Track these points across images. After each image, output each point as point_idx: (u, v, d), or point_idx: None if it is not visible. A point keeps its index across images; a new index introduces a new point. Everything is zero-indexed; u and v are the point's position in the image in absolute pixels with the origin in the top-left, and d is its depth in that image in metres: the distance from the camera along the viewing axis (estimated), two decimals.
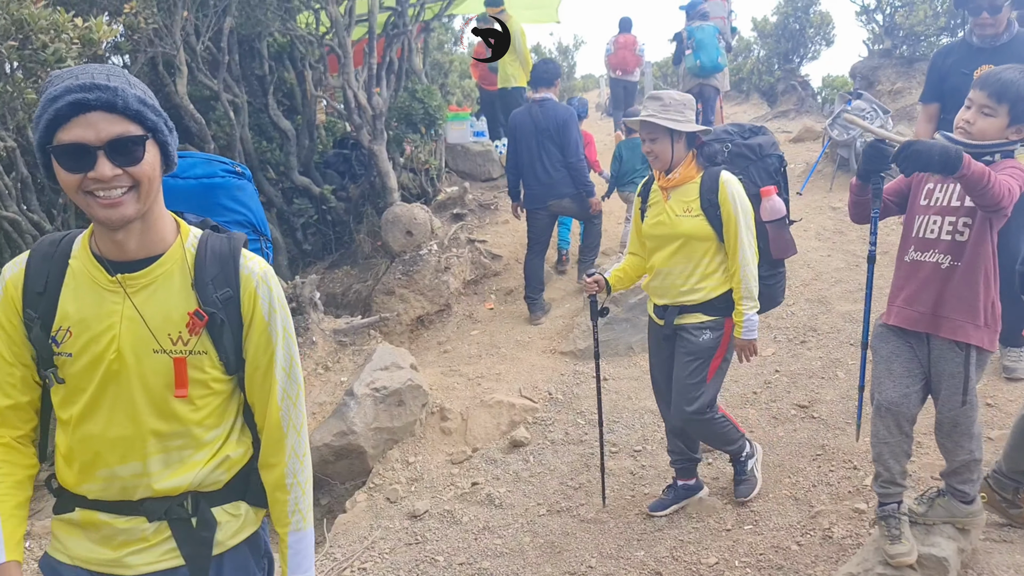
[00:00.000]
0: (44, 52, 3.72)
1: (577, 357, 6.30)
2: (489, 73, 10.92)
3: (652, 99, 3.75)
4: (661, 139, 3.73)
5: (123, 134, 1.61)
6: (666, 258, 3.83)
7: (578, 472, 4.97)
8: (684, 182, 3.76)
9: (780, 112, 14.85)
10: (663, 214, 3.80)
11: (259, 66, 8.40)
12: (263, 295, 1.84)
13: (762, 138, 3.95)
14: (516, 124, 7.13)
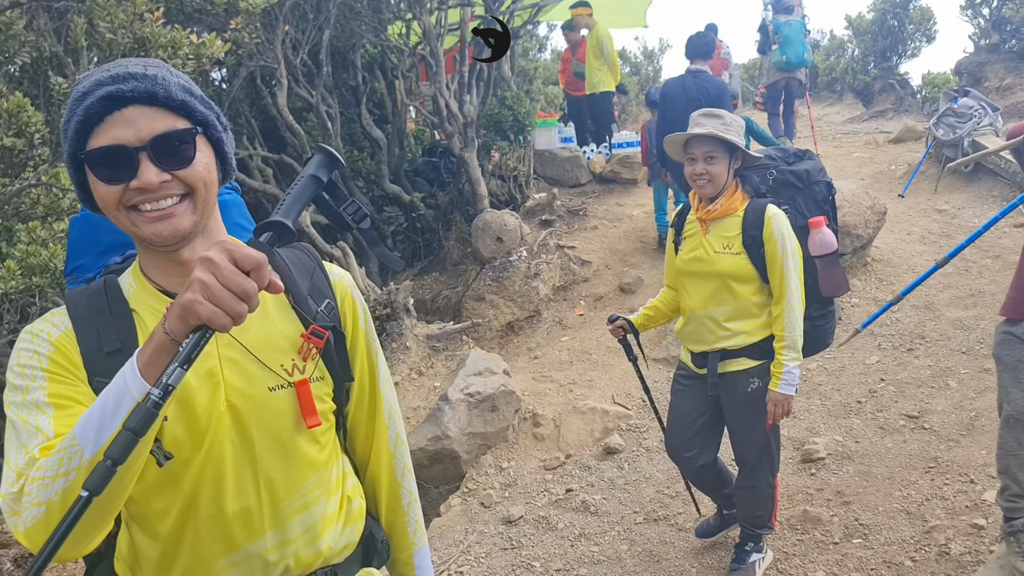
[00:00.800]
0: None
1: (671, 364, 6.18)
2: (575, 79, 10.90)
3: (709, 116, 3.29)
4: (720, 159, 3.26)
5: (169, 130, 1.29)
6: (703, 299, 3.37)
7: (674, 480, 4.87)
8: (726, 214, 3.30)
9: (877, 112, 14.35)
10: (700, 248, 3.34)
11: (352, 77, 8.58)
12: (359, 302, 1.62)
13: (809, 163, 3.50)
14: (667, 94, 7.26)
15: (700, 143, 3.25)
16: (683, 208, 3.55)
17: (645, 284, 7.65)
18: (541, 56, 17.71)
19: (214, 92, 7.90)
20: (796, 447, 4.91)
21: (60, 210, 4.79)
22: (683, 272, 3.45)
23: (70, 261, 1.72)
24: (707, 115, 3.29)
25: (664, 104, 7.25)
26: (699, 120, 3.27)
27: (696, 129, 3.23)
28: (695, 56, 7.25)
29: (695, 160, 3.28)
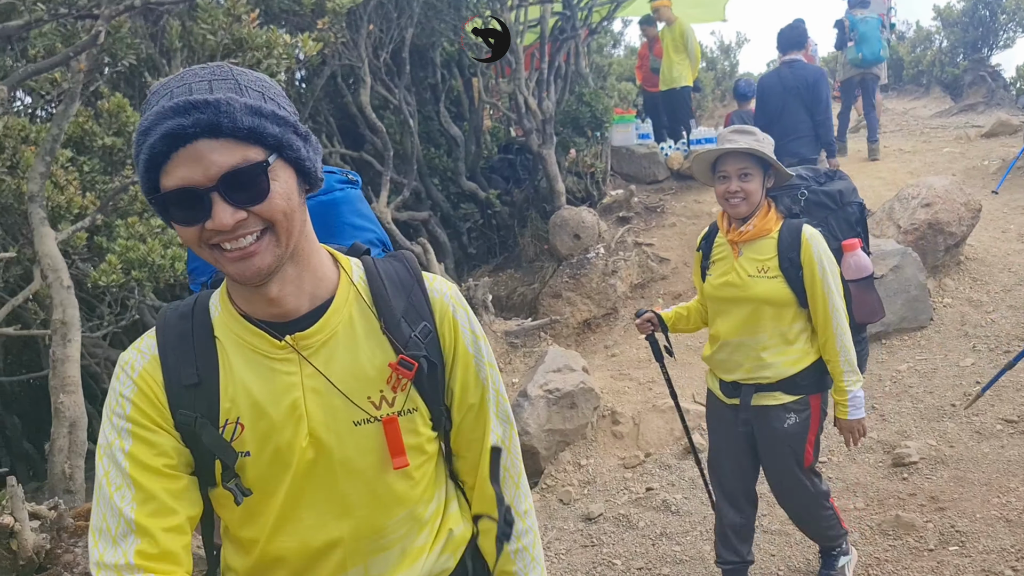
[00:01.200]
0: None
1: None
2: (652, 75, 10.80)
3: (741, 132, 3.07)
4: (755, 176, 3.02)
5: (239, 164, 1.18)
6: (735, 327, 3.14)
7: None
8: (760, 236, 3.06)
9: (967, 105, 13.83)
10: (732, 273, 3.12)
11: (431, 75, 8.67)
12: (463, 321, 1.48)
13: (841, 183, 3.31)
14: (764, 86, 7.43)
15: (733, 159, 3.02)
16: (710, 230, 3.33)
17: None
18: (615, 52, 17.59)
19: (295, 92, 8.08)
20: (886, 450, 4.77)
21: None
22: (713, 298, 3.22)
23: (190, 260, 1.80)
24: (739, 132, 3.08)
25: (761, 96, 7.40)
26: (731, 137, 3.06)
27: (729, 145, 3.02)
28: (788, 47, 7.38)
29: (727, 177, 3.04)
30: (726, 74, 19.08)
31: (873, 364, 5.75)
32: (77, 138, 4.99)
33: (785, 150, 7.14)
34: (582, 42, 9.54)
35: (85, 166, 4.87)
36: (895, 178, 9.22)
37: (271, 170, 1.22)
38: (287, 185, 1.25)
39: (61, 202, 4.25)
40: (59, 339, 3.23)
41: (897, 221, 6.52)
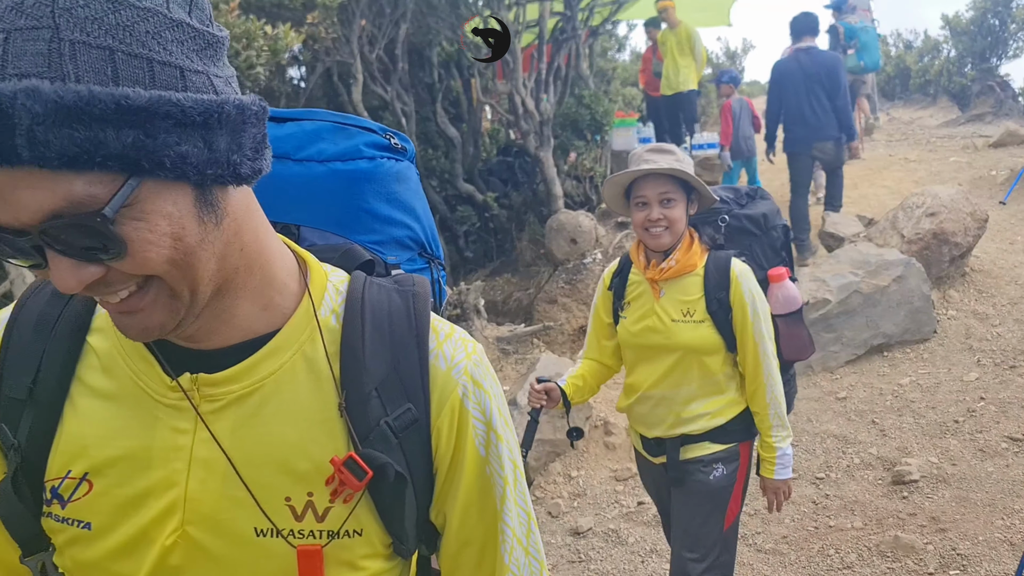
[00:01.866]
0: (236, 60, 3.83)
1: None
2: (654, 79, 10.64)
3: (660, 151, 2.63)
4: (678, 202, 2.59)
5: (59, 210, 0.68)
6: (658, 378, 2.72)
7: (754, 497, 4.59)
8: (684, 273, 2.64)
9: (974, 115, 13.66)
10: (652, 317, 2.68)
11: (428, 74, 8.53)
12: (475, 412, 0.97)
13: (764, 204, 2.92)
14: (782, 72, 7.37)
15: (653, 182, 2.58)
16: (621, 265, 2.85)
17: None
18: (620, 57, 17.44)
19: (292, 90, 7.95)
20: (886, 467, 4.60)
21: None
22: (632, 345, 2.77)
23: None
24: (657, 151, 2.63)
25: (780, 81, 7.37)
26: (648, 156, 2.62)
27: (647, 165, 2.57)
28: (803, 33, 7.40)
29: (647, 204, 2.59)
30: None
31: (874, 377, 5.59)
32: None
33: (817, 134, 7.28)
34: (583, 43, 9.39)
35: None
36: (900, 187, 9.05)
37: (128, 211, 0.71)
38: (171, 220, 0.74)
39: None
40: None
41: (901, 231, 6.36)
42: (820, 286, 5.95)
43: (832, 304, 5.82)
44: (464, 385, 0.97)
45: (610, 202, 2.76)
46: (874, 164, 10.28)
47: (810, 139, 7.32)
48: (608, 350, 2.91)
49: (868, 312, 5.84)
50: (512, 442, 1.02)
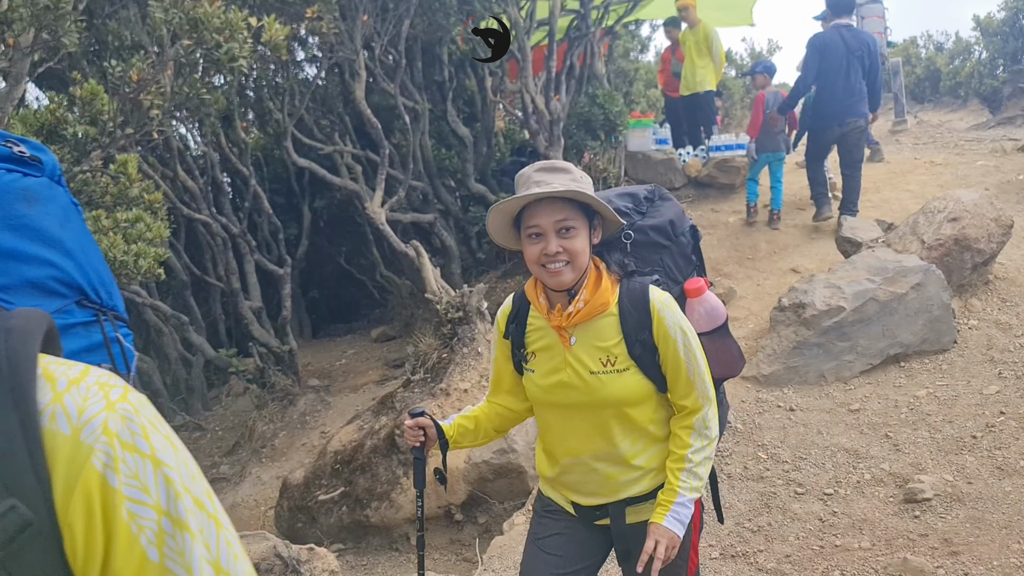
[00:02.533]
0: (218, 52, 3.72)
1: (761, 383, 5.71)
2: (673, 79, 10.44)
3: (551, 170, 2.18)
4: (579, 230, 2.15)
5: None
6: (584, 440, 2.28)
7: (757, 513, 4.43)
8: (595, 315, 2.20)
9: (1005, 118, 13.29)
10: (565, 371, 2.23)
11: (438, 72, 8.41)
12: (130, 492, 0.68)
13: (667, 207, 2.50)
14: (826, 43, 7.46)
15: (547, 209, 2.12)
16: (516, 307, 2.36)
17: (738, 296, 7.16)
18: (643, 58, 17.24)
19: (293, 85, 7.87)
20: (898, 484, 4.39)
21: (128, 199, 4.74)
22: (545, 404, 2.32)
23: None
24: (548, 170, 2.17)
25: (823, 53, 7.40)
26: (539, 177, 2.15)
27: (539, 188, 2.10)
28: (841, 12, 7.58)
29: (540, 236, 2.13)
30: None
31: (889, 388, 5.37)
32: (50, 126, 4.78)
33: (850, 110, 7.43)
34: (598, 42, 9.22)
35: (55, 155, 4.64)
36: (924, 191, 8.77)
37: None
38: None
39: None
40: None
41: (921, 236, 6.12)
42: (834, 293, 5.73)
43: (847, 312, 5.60)
44: (106, 452, 0.67)
45: (496, 235, 2.24)
46: (898, 167, 10.00)
47: (844, 114, 7.46)
48: (517, 397, 2.45)
49: (885, 320, 5.62)
50: (220, 533, 0.72)
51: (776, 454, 4.91)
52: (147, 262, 4.28)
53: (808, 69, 7.55)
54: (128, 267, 4.22)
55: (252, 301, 7.83)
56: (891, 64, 14.75)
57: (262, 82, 7.71)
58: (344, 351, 9.68)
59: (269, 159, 9.86)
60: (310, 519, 5.69)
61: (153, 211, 4.92)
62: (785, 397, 5.50)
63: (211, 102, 4.04)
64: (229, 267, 7.55)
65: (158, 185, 5.93)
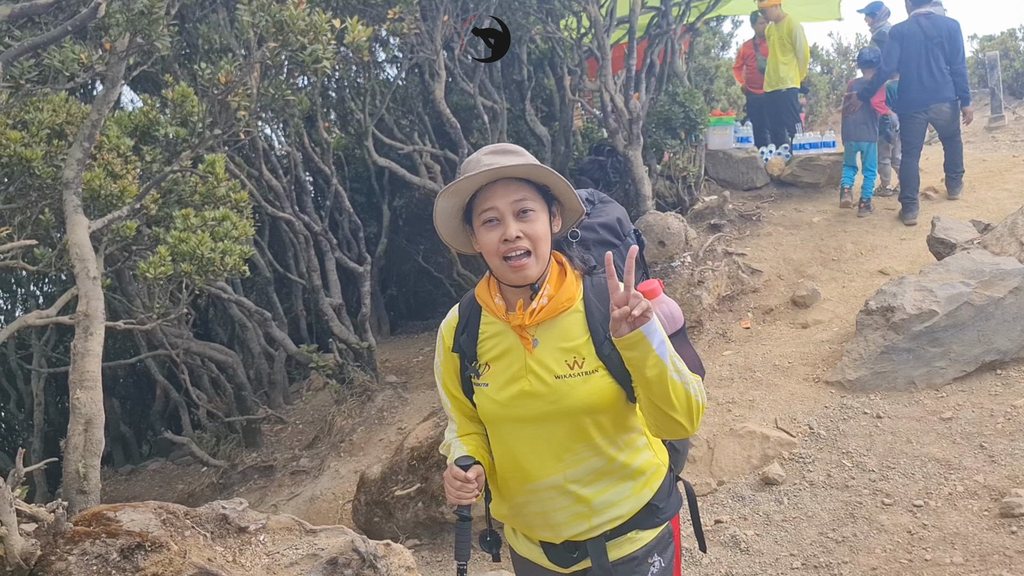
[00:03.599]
0: (302, 53, 3.79)
1: (846, 388, 5.52)
2: (758, 75, 10.20)
3: (502, 152, 1.96)
4: (539, 213, 1.95)
5: None
6: (550, 457, 2.00)
7: (842, 523, 4.29)
8: (560, 311, 1.98)
9: None
10: (527, 378, 1.97)
11: (517, 71, 8.41)
12: None
13: (612, 207, 2.36)
14: (905, 33, 7.76)
15: (502, 190, 1.92)
16: (463, 314, 2.12)
17: (822, 299, 6.95)
18: (724, 55, 16.95)
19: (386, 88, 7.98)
20: (994, 498, 4.19)
21: (216, 198, 4.88)
22: (501, 420, 2.03)
23: None
24: (499, 152, 1.96)
25: (902, 43, 7.66)
26: (490, 159, 1.93)
27: (492, 165, 1.89)
28: (920, 2, 7.74)
29: (496, 221, 1.92)
30: (843, 77, 18.11)
31: (984, 397, 5.12)
32: (143, 127, 4.96)
33: (934, 95, 7.69)
34: (679, 39, 9.07)
35: (148, 155, 4.81)
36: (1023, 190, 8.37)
37: None
38: None
39: (114, 191, 4.18)
40: (81, 332, 3.11)
41: (1020, 237, 5.82)
42: (926, 296, 5.50)
43: (939, 316, 5.37)
44: None
45: (445, 231, 2.02)
46: (995, 166, 9.55)
47: (927, 101, 7.72)
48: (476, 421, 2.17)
49: (980, 326, 5.36)
50: None
51: (862, 462, 4.74)
52: (233, 259, 4.39)
53: (888, 58, 7.83)
54: (215, 264, 4.34)
55: (332, 298, 7.97)
56: (988, 58, 14.13)
57: (344, 83, 7.84)
58: (420, 348, 9.78)
59: (350, 158, 10.03)
60: (387, 514, 5.75)
61: (239, 210, 5.05)
62: (872, 403, 5.31)
63: (295, 103, 4.14)
64: (311, 264, 7.70)
65: (244, 184, 6.09)
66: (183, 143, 4.75)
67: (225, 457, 8.05)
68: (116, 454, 10.73)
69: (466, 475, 1.94)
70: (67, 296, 4.38)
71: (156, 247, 4.34)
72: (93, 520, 2.86)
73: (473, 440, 2.14)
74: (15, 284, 10.37)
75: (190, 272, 4.25)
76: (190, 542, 3.10)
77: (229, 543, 3.23)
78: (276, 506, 6.91)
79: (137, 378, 11.44)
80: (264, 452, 8.18)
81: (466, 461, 1.97)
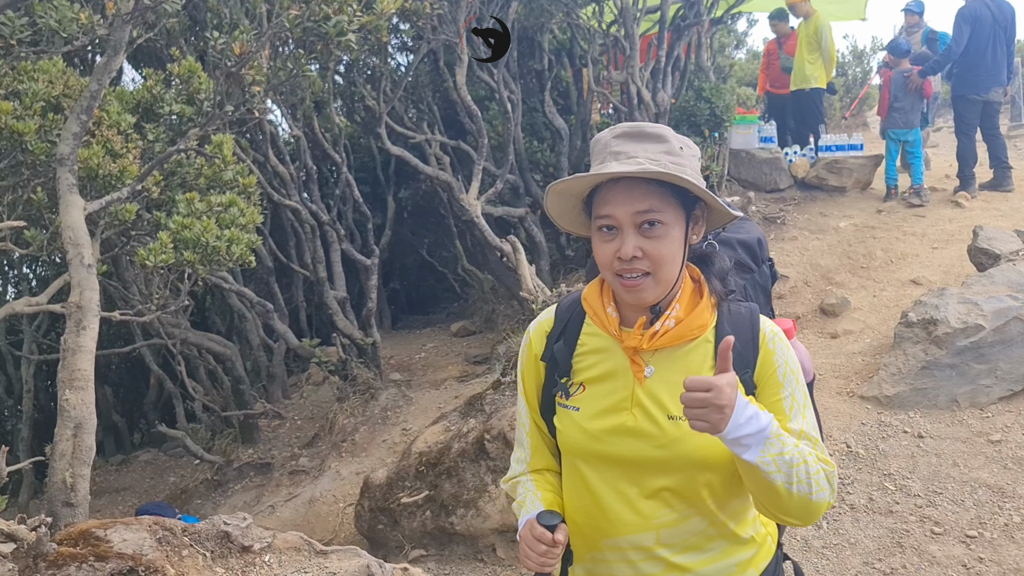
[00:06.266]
0: (326, 24, 3.46)
1: (883, 405, 5.21)
2: (782, 74, 9.88)
3: (637, 138, 1.55)
4: (669, 229, 1.54)
5: None
6: (639, 513, 1.62)
7: (888, 552, 3.98)
8: (686, 339, 1.61)
9: None
10: (632, 411, 1.61)
11: (537, 61, 8.08)
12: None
13: (749, 225, 2.03)
14: (976, 15, 7.89)
15: (626, 194, 1.52)
16: (562, 315, 1.75)
17: (851, 307, 6.64)
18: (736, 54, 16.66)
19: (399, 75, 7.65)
20: None
21: (222, 182, 4.55)
22: (586, 455, 1.66)
23: None
24: (634, 137, 1.55)
25: (973, 25, 7.78)
26: (620, 147, 1.54)
27: (618, 164, 1.51)
28: None
29: (614, 230, 1.54)
30: (858, 81, 17.79)
31: None
32: (146, 104, 4.63)
33: (994, 79, 7.97)
34: (706, 33, 8.75)
35: (150, 134, 4.48)
36: None
37: None
38: None
39: (113, 171, 3.84)
40: (73, 325, 2.78)
41: None
42: (971, 309, 5.20)
43: (986, 331, 5.06)
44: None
45: (561, 218, 1.68)
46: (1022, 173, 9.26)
47: (989, 83, 7.96)
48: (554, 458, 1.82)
49: None
50: None
51: (905, 486, 4.44)
52: (240, 249, 4.07)
53: (959, 39, 7.88)
54: (220, 253, 4.01)
55: (337, 291, 7.64)
56: None
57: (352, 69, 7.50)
58: (423, 344, 9.48)
59: (356, 147, 9.70)
60: (392, 522, 5.44)
61: (247, 195, 4.72)
62: (912, 421, 5.00)
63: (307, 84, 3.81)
64: (316, 255, 7.36)
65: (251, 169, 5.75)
66: (189, 122, 4.41)
67: (221, 452, 7.72)
68: (107, 443, 10.42)
69: (554, 537, 1.55)
70: (59, 282, 4.05)
71: (157, 233, 4.01)
72: (80, 539, 2.54)
73: (548, 482, 1.77)
74: (7, 265, 10.02)
75: (193, 261, 3.92)
76: (188, 563, 2.78)
77: (231, 564, 2.91)
78: (274, 507, 6.60)
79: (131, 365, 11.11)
80: (261, 448, 7.86)
81: (552, 520, 1.58)
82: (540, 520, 1.57)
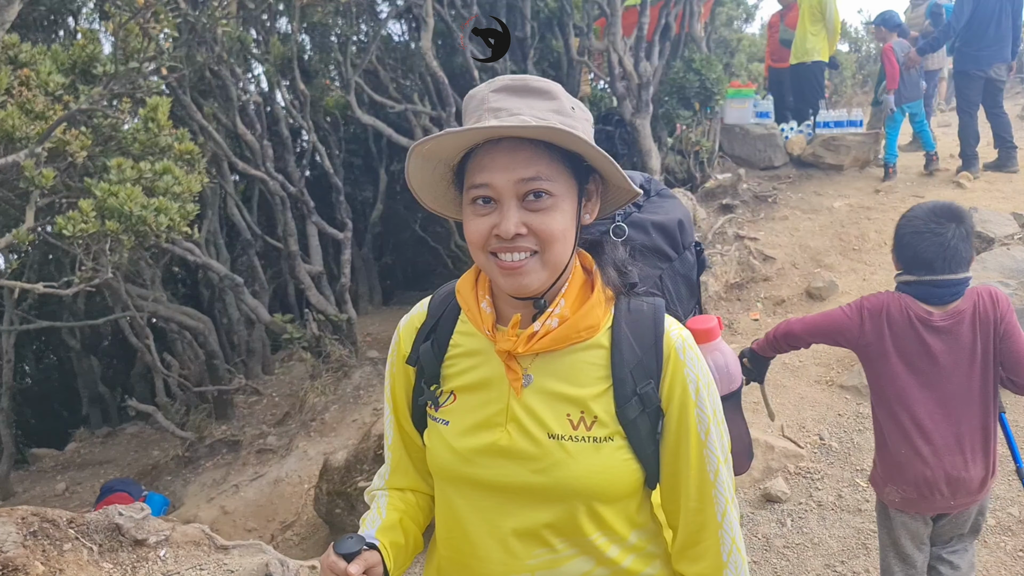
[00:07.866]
0: None
1: (863, 395, 4.94)
2: (780, 47, 9.50)
3: (521, 92, 1.26)
4: (559, 202, 1.27)
5: None
6: (511, 551, 1.34)
7: (852, 554, 3.74)
8: (573, 341, 1.33)
9: None
10: (506, 427, 1.33)
11: (520, 28, 7.76)
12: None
13: (671, 203, 1.73)
14: None
15: (508, 157, 1.25)
16: (434, 312, 1.45)
17: (839, 291, 6.35)
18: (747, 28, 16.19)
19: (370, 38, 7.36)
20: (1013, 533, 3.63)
21: (157, 148, 4.31)
22: (455, 479, 1.38)
23: None
24: (517, 91, 1.27)
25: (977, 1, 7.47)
26: (500, 102, 1.25)
27: (497, 120, 1.23)
28: None
29: (492, 203, 1.26)
30: (871, 57, 17.32)
31: (1022, 414, 4.55)
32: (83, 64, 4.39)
33: (998, 55, 7.59)
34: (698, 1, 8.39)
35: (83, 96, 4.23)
36: None
37: None
38: None
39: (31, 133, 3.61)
40: None
41: None
42: None
43: None
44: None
45: (422, 190, 1.35)
46: None
47: (992, 58, 7.60)
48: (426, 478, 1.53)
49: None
50: None
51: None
52: (168, 219, 3.83)
53: (961, 14, 7.59)
54: (148, 223, 3.78)
55: (312, 265, 7.42)
56: None
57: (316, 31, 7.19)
58: None
59: (348, 119, 9.42)
60: (349, 506, 5.25)
61: (190, 163, 4.48)
62: None
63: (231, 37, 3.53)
64: (287, 228, 7.13)
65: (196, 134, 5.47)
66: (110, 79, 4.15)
67: (194, 428, 7.56)
68: (93, 416, 10.34)
69: (347, 569, 1.24)
70: None
71: None
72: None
73: (405, 502, 1.49)
74: None
75: (116, 231, 3.69)
76: (68, 558, 2.57)
77: (121, 559, 2.70)
78: (238, 487, 6.44)
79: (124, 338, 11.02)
80: (235, 425, 7.70)
81: (351, 547, 1.26)
82: (337, 547, 1.26)
